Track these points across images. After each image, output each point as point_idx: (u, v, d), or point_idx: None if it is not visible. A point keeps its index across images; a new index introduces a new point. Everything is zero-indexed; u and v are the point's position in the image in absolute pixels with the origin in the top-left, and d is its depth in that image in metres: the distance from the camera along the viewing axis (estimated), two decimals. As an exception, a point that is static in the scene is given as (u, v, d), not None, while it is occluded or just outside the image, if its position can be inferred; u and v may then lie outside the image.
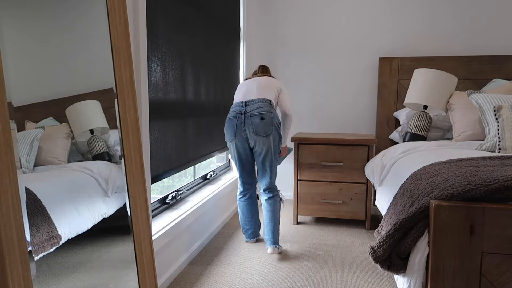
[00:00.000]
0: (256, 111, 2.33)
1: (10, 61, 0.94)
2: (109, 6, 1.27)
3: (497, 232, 1.23)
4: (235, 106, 2.43)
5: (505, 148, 2.20)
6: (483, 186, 1.29)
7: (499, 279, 1.24)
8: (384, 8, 3.47)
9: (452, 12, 3.34)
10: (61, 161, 1.12)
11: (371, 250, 1.44)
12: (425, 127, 2.85)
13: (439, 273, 1.27)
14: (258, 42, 3.77)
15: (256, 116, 2.32)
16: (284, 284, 2.05)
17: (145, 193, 1.37)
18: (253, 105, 2.36)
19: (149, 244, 1.37)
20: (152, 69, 1.91)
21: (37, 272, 0.96)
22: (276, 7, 3.69)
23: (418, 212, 1.35)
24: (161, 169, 2.07)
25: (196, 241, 2.47)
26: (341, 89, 3.63)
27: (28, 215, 0.93)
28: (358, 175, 2.91)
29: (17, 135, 0.96)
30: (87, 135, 1.21)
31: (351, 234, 2.83)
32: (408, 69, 3.31)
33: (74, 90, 1.17)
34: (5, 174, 0.85)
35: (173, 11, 2.13)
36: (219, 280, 2.08)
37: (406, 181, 1.75)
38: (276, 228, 2.45)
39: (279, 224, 2.48)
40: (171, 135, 2.16)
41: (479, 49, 3.33)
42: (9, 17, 0.97)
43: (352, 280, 2.10)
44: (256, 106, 2.34)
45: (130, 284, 1.32)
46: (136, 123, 1.34)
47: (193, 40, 2.43)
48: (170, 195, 2.35)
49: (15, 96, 0.95)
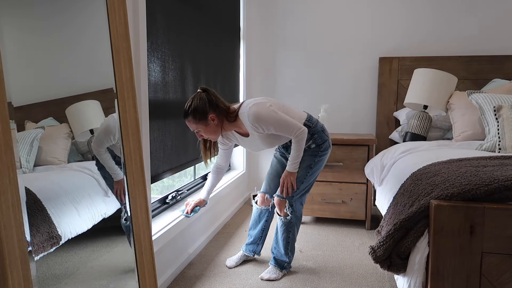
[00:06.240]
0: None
1: (10, 61, 0.94)
2: (109, 6, 1.27)
3: (497, 232, 1.23)
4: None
5: (505, 148, 2.20)
6: (483, 186, 1.29)
7: (499, 279, 1.24)
8: (384, 8, 3.47)
9: (452, 12, 3.34)
10: (61, 161, 1.12)
11: (371, 250, 1.44)
12: (425, 127, 2.85)
13: (439, 273, 1.27)
14: (258, 42, 3.77)
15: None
16: (284, 284, 2.05)
17: (145, 193, 1.37)
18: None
19: (149, 244, 1.37)
20: (152, 69, 1.91)
21: (37, 272, 0.96)
22: (276, 7, 3.69)
23: (418, 212, 1.35)
24: (161, 169, 2.07)
25: (196, 241, 2.47)
26: (341, 89, 3.63)
27: (28, 215, 0.93)
28: (358, 175, 2.91)
29: (17, 135, 0.96)
30: (87, 135, 1.21)
31: (351, 234, 2.83)
32: (408, 69, 3.31)
33: (74, 90, 1.17)
34: (5, 174, 0.85)
35: (173, 11, 2.13)
36: (219, 280, 2.08)
37: (406, 181, 1.75)
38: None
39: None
40: (171, 135, 2.16)
41: (479, 49, 3.33)
42: (9, 17, 0.97)
43: (352, 280, 2.10)
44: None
45: (130, 284, 1.32)
46: (136, 123, 1.34)
47: (193, 40, 2.43)
48: (170, 195, 2.35)
49: (15, 96, 0.95)
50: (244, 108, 1.92)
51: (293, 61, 3.71)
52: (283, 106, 2.04)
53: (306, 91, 3.70)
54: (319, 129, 2.09)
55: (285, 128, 1.92)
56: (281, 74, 3.75)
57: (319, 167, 2.11)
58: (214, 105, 1.88)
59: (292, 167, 2.03)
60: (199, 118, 1.86)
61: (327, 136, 2.11)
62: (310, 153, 2.07)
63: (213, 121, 1.88)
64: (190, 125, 1.91)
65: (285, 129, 1.92)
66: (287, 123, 1.92)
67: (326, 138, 2.10)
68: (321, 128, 2.10)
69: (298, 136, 1.95)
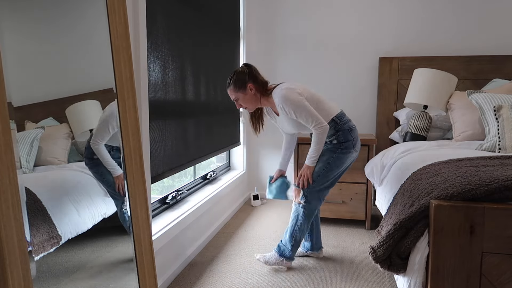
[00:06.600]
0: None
1: (10, 61, 0.94)
2: (109, 6, 1.27)
3: (497, 232, 1.23)
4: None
5: (505, 148, 2.20)
6: (483, 186, 1.29)
7: (499, 279, 1.24)
8: (384, 8, 3.47)
9: (452, 12, 3.34)
10: (61, 161, 1.12)
11: (371, 250, 1.44)
12: (425, 127, 2.85)
13: (439, 273, 1.27)
14: (258, 42, 3.77)
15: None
16: (284, 284, 2.05)
17: (145, 193, 1.37)
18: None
19: (149, 244, 1.37)
20: (152, 69, 1.91)
21: (37, 272, 0.96)
22: (276, 7, 3.69)
23: (418, 212, 1.35)
24: (161, 169, 2.07)
25: (196, 241, 2.47)
26: (341, 89, 3.63)
27: (28, 215, 0.93)
28: (358, 175, 2.91)
29: (17, 135, 0.96)
30: (87, 135, 1.21)
31: (351, 234, 2.83)
32: (408, 69, 3.31)
33: (74, 90, 1.17)
34: (5, 174, 0.85)
35: (173, 11, 2.13)
36: (219, 280, 2.08)
37: (406, 181, 1.75)
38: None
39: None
40: (171, 135, 2.16)
41: (479, 49, 3.33)
42: (9, 18, 0.97)
43: (352, 280, 2.10)
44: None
45: (130, 284, 1.32)
46: (136, 123, 1.34)
47: (193, 40, 2.43)
48: (170, 195, 2.35)
49: (15, 96, 0.95)
50: (277, 89, 2.07)
51: (293, 61, 3.71)
52: (316, 96, 2.13)
53: (306, 91, 3.70)
54: (346, 128, 2.12)
55: (305, 117, 2.01)
56: (281, 74, 3.75)
57: (339, 165, 2.12)
58: (254, 77, 2.09)
59: (310, 161, 2.11)
60: (239, 86, 2.07)
61: (353, 138, 2.13)
62: (330, 147, 2.12)
63: (251, 90, 2.08)
64: (231, 93, 2.12)
65: (305, 118, 2.01)
66: (308, 114, 2.00)
67: (351, 138, 2.12)
68: (348, 128, 2.13)
69: (317, 130, 2.02)
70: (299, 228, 2.18)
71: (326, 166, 2.11)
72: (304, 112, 2.00)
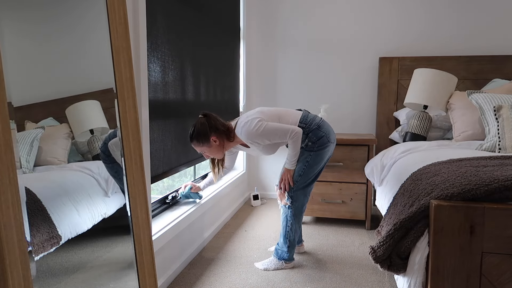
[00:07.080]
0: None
1: (10, 61, 0.94)
2: (109, 6, 1.27)
3: (497, 232, 1.23)
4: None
5: (505, 148, 2.20)
6: (483, 186, 1.29)
7: (499, 279, 1.24)
8: (384, 8, 3.47)
9: (452, 12, 3.34)
10: (61, 161, 1.12)
11: (371, 250, 1.44)
12: (425, 127, 2.85)
13: (439, 273, 1.27)
14: (258, 42, 3.77)
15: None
16: (284, 284, 2.05)
17: (145, 193, 1.37)
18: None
19: (149, 244, 1.37)
20: (152, 69, 1.91)
21: (37, 272, 0.96)
22: (276, 7, 3.69)
23: (418, 212, 1.35)
24: (161, 169, 2.07)
25: (196, 241, 2.47)
26: (341, 89, 3.63)
27: (28, 215, 0.93)
28: (358, 175, 2.91)
29: (17, 135, 0.96)
30: (87, 135, 1.21)
31: (351, 234, 2.83)
32: (408, 69, 3.31)
33: (74, 90, 1.17)
34: (5, 174, 0.85)
35: (173, 11, 2.13)
36: (219, 280, 2.08)
37: (406, 181, 1.75)
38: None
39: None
40: (171, 135, 2.16)
41: (479, 49, 3.33)
42: (9, 17, 0.97)
43: (352, 280, 2.10)
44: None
45: (130, 284, 1.32)
46: (136, 123, 1.34)
47: (193, 40, 2.43)
48: (170, 195, 2.35)
49: (15, 96, 0.95)
50: (238, 128, 2.09)
51: (293, 61, 3.71)
52: (277, 112, 2.15)
53: (306, 91, 3.70)
54: (313, 127, 2.13)
55: (278, 136, 2.05)
56: (281, 74, 3.75)
57: (318, 161, 2.15)
58: (214, 128, 2.07)
59: (289, 164, 2.15)
60: (203, 141, 2.06)
61: (323, 132, 2.14)
62: (307, 149, 2.14)
63: (215, 142, 2.08)
64: (196, 148, 2.12)
65: (278, 137, 2.06)
66: (279, 132, 2.04)
67: (322, 134, 2.13)
68: (316, 126, 2.13)
69: (292, 138, 2.06)
70: (291, 229, 2.21)
71: (305, 165, 2.14)
72: (273, 133, 2.03)
